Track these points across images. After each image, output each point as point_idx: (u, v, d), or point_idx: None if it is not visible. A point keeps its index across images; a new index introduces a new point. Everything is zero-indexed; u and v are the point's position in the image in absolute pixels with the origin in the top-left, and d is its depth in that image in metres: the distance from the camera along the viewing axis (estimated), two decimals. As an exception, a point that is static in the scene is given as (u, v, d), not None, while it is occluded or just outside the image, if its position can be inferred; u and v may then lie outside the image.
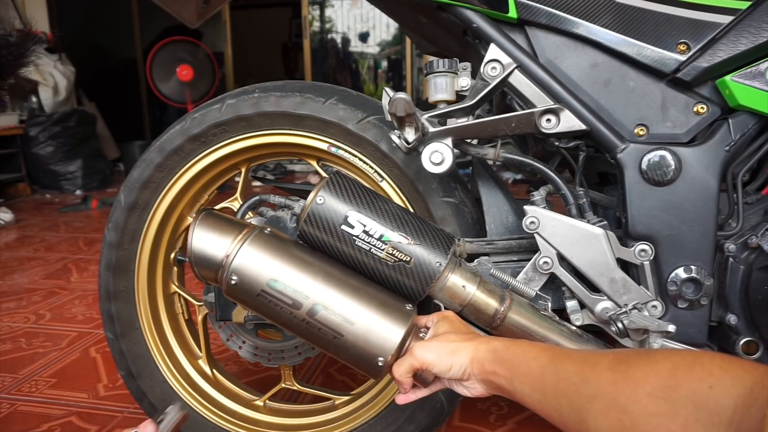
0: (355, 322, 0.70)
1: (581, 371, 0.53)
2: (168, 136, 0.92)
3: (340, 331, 0.70)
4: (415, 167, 0.87)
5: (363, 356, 0.71)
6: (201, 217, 0.76)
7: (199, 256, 0.74)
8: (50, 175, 4.41)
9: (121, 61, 6.94)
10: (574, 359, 0.55)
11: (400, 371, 0.67)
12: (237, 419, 1.00)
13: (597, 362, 0.53)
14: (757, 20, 0.70)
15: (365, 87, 7.08)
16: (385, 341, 0.70)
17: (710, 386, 0.43)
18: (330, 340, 0.71)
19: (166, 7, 1.01)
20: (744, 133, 0.73)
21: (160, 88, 4.05)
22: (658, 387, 0.46)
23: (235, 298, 0.75)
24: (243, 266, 0.72)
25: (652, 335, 0.73)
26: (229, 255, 0.72)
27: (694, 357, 0.47)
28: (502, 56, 0.76)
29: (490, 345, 0.63)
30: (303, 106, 0.88)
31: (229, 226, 0.76)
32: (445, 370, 0.64)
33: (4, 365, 1.47)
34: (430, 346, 0.66)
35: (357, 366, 0.73)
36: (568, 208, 0.79)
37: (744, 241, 0.75)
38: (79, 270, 2.34)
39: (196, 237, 0.74)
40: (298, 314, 0.71)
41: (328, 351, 0.73)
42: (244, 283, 0.72)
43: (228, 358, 1.47)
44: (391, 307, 0.73)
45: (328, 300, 0.71)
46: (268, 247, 0.73)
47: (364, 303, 0.72)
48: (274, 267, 0.72)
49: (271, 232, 0.76)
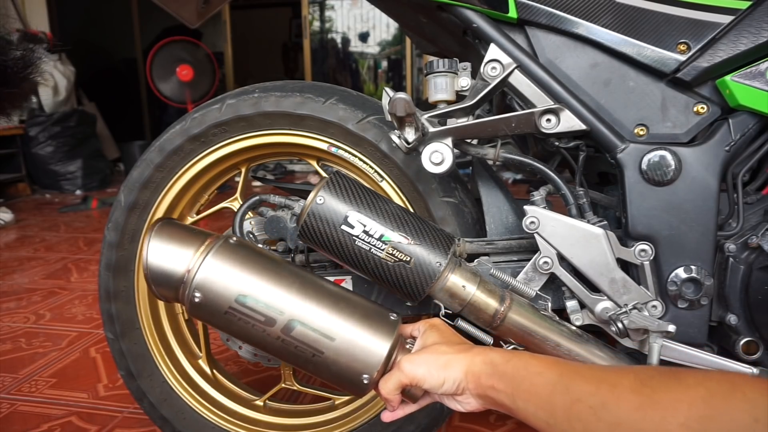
0: (335, 337, 0.64)
1: (597, 392, 0.47)
2: (168, 136, 0.92)
3: (319, 348, 0.64)
4: (415, 167, 0.87)
5: (346, 374, 0.65)
6: (157, 227, 0.68)
7: (157, 272, 0.66)
8: (50, 175, 4.41)
9: (121, 61, 6.94)
10: (586, 377, 0.50)
11: (388, 388, 0.62)
12: (237, 419, 1.00)
13: (616, 383, 0.47)
14: (757, 20, 0.70)
15: (365, 87, 7.08)
16: (369, 356, 0.64)
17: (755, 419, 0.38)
18: (308, 359, 0.65)
19: (166, 7, 1.01)
20: (744, 133, 0.73)
21: (160, 88, 4.05)
22: (692, 417, 0.41)
23: (199, 317, 0.68)
24: (207, 281, 0.64)
25: (652, 335, 0.73)
26: (190, 269, 0.65)
27: (731, 383, 0.42)
28: (502, 56, 0.76)
29: (487, 357, 0.58)
30: (303, 106, 0.88)
31: (189, 236, 0.68)
32: (437, 386, 0.60)
33: (4, 365, 1.47)
34: (420, 359, 0.61)
35: (339, 384, 0.67)
36: (568, 208, 0.79)
37: (744, 241, 0.75)
38: (79, 270, 2.34)
39: (152, 250, 0.66)
40: (272, 332, 0.65)
41: (307, 370, 0.67)
42: (209, 300, 0.65)
43: (228, 358, 1.47)
44: (375, 318, 0.67)
45: (304, 314, 0.65)
46: (234, 258, 0.66)
47: (345, 315, 0.66)
48: (243, 280, 0.65)
49: (237, 242, 0.69)
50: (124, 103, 6.55)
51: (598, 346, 0.77)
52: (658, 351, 0.72)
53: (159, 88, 4.05)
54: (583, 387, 0.49)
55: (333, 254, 0.75)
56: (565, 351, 0.75)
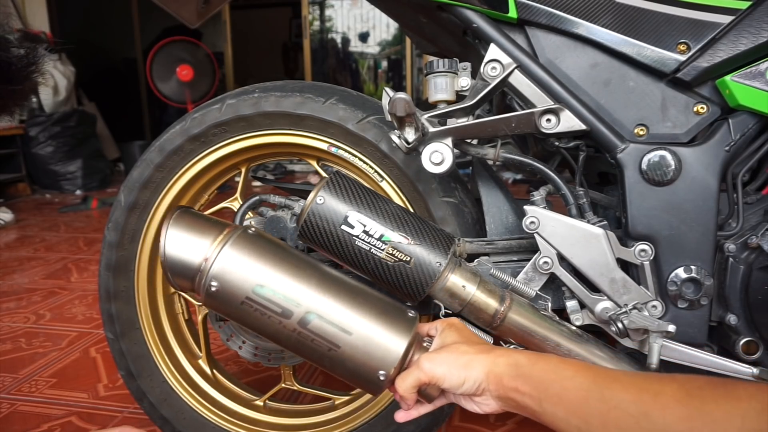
0: (353, 332, 0.63)
1: (639, 400, 0.45)
2: (168, 136, 0.92)
3: (336, 341, 0.63)
4: (415, 167, 0.87)
5: (361, 370, 0.64)
6: (175, 215, 0.68)
7: (174, 261, 0.66)
8: (50, 175, 4.41)
9: (121, 61, 6.94)
10: (624, 384, 0.48)
11: (405, 386, 0.60)
12: (237, 419, 1.00)
13: (659, 391, 0.45)
14: (757, 20, 0.70)
15: (365, 87, 7.08)
16: (387, 352, 0.63)
17: None
18: (324, 353, 0.64)
19: (166, 7, 1.01)
20: (744, 133, 0.73)
21: (160, 88, 4.05)
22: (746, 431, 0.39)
23: (215, 307, 0.67)
24: (224, 271, 0.64)
25: (652, 335, 0.73)
26: (208, 258, 0.64)
27: None
28: (502, 56, 0.76)
29: (510, 358, 0.57)
30: (303, 106, 0.88)
31: (207, 225, 0.68)
32: (457, 385, 0.58)
33: (4, 365, 1.47)
34: (440, 358, 0.60)
35: (354, 381, 0.66)
36: (568, 208, 0.79)
37: (744, 241, 0.75)
38: (79, 270, 2.34)
39: (170, 238, 0.66)
40: (288, 324, 0.64)
41: (322, 365, 0.66)
42: (225, 290, 0.64)
43: (228, 358, 1.47)
44: (393, 314, 0.66)
45: (322, 307, 0.64)
46: (252, 248, 0.66)
47: (363, 310, 0.65)
48: (260, 271, 0.65)
49: (256, 232, 0.69)
50: (124, 103, 6.55)
51: (598, 346, 0.77)
52: (658, 351, 0.72)
53: (159, 88, 4.05)
54: (621, 394, 0.47)
55: (333, 254, 0.75)
56: (565, 351, 0.75)
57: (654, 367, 0.72)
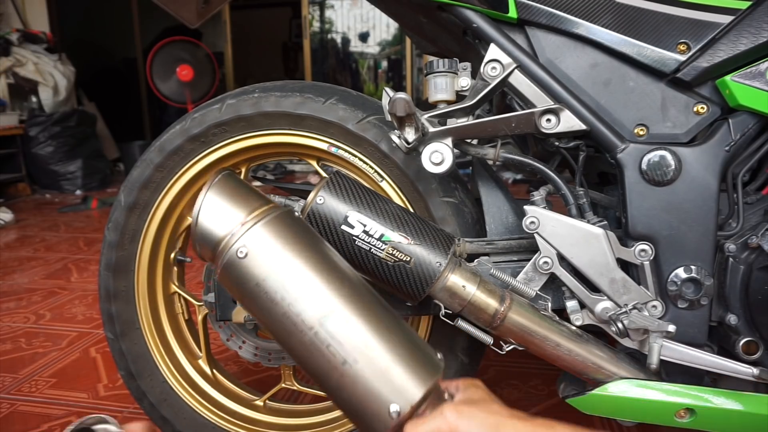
0: (377, 349, 0.55)
1: None
2: (168, 136, 0.92)
3: (354, 355, 0.55)
4: (415, 167, 0.87)
5: (371, 398, 0.55)
6: (218, 179, 0.62)
7: (203, 226, 0.60)
8: (50, 175, 4.41)
9: (121, 61, 6.94)
10: None
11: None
12: (237, 419, 1.00)
13: None
14: (757, 20, 0.70)
15: (365, 87, 7.08)
16: (408, 385, 0.55)
17: None
18: (337, 366, 0.56)
19: (166, 7, 1.01)
20: (744, 133, 0.73)
21: (160, 88, 4.05)
22: None
23: (227, 284, 0.62)
24: (247, 249, 0.58)
25: (652, 335, 0.73)
26: (234, 234, 0.59)
27: None
28: (502, 56, 0.76)
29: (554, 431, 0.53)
30: (303, 106, 0.88)
31: (248, 196, 0.62)
32: None
33: (4, 365, 1.47)
34: (468, 412, 0.54)
35: (357, 411, 0.57)
36: (568, 208, 0.79)
37: (744, 241, 0.75)
38: (79, 270, 2.34)
39: (207, 200, 0.61)
40: (307, 319, 0.57)
41: (327, 382, 0.57)
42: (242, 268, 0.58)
43: (228, 358, 1.47)
44: (423, 349, 0.59)
45: (352, 311, 0.57)
46: (288, 233, 0.59)
47: (394, 332, 0.58)
48: (285, 260, 0.58)
49: (296, 218, 0.63)
50: (124, 103, 6.55)
51: (598, 346, 0.77)
52: (658, 351, 0.73)
53: (159, 88, 4.05)
54: None
55: (333, 254, 0.75)
56: (565, 351, 0.76)
57: (654, 367, 0.72)
